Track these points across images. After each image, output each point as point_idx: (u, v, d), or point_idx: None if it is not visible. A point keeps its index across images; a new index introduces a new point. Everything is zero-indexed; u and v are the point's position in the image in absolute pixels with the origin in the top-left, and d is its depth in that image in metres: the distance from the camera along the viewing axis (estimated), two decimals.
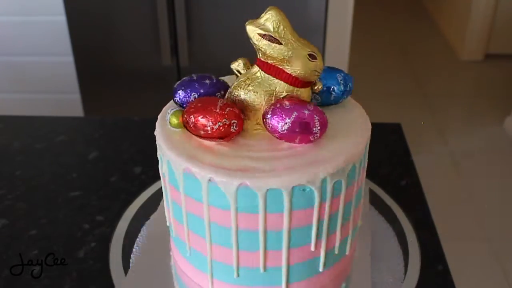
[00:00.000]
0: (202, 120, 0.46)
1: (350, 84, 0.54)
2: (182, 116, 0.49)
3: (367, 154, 0.52)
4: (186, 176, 0.47)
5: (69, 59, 1.57)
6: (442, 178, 2.00)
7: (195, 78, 0.52)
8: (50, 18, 1.57)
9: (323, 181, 0.45)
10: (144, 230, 0.66)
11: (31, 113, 1.02)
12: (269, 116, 0.46)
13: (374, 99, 2.44)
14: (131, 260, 0.62)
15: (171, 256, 0.60)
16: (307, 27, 1.46)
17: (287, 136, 0.46)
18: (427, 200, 0.73)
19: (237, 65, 0.52)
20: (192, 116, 0.47)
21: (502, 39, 2.84)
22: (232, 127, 0.46)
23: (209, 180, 0.45)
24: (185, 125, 0.48)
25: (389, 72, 2.82)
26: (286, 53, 0.47)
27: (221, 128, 0.46)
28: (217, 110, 0.46)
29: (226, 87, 0.52)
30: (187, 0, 1.42)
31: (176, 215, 0.53)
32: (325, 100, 0.53)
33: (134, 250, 0.64)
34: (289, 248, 0.48)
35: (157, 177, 0.75)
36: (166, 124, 0.52)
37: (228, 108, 0.46)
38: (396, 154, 0.84)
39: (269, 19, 0.47)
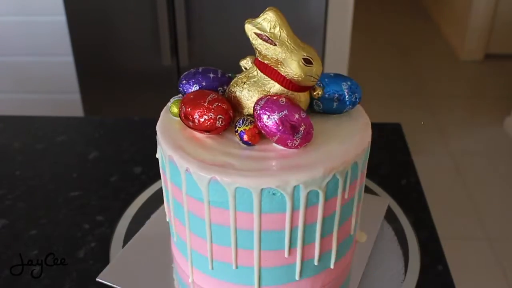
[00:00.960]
0: (191, 112, 0.48)
1: (357, 94, 0.51)
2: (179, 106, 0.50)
3: (360, 169, 0.50)
4: (170, 165, 0.49)
5: (69, 59, 1.57)
6: (442, 178, 2.00)
7: (200, 70, 0.52)
8: (50, 18, 1.57)
9: (295, 188, 0.45)
10: (144, 230, 0.66)
11: (31, 113, 1.02)
12: (260, 104, 0.46)
13: (374, 99, 2.44)
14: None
15: (172, 256, 0.60)
16: (307, 27, 1.46)
17: (268, 130, 0.46)
18: (427, 200, 0.73)
19: (245, 63, 0.52)
20: (183, 107, 0.48)
21: (502, 39, 2.84)
22: (218, 121, 0.47)
23: (186, 170, 0.46)
24: (180, 114, 0.50)
25: (389, 72, 2.82)
26: (280, 55, 0.46)
27: (207, 121, 0.47)
28: (205, 104, 0.47)
29: (229, 82, 0.52)
30: (187, 0, 1.42)
31: (170, 204, 0.53)
32: (326, 108, 0.51)
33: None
34: (260, 249, 0.48)
35: (157, 177, 0.75)
36: (169, 115, 0.53)
37: (216, 103, 0.47)
38: (396, 154, 0.84)
39: (266, 19, 0.47)
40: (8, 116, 0.96)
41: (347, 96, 0.51)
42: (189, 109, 0.47)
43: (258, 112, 0.46)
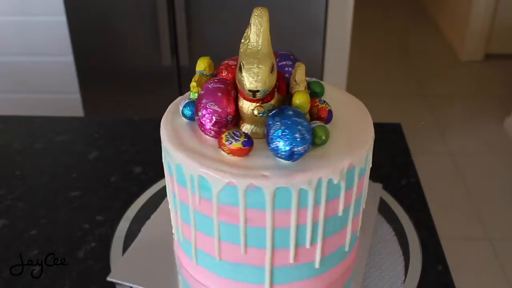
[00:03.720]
0: None
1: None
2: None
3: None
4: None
5: (69, 59, 1.57)
6: (442, 178, 2.00)
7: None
8: (50, 18, 1.57)
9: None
10: (144, 230, 0.66)
11: (31, 113, 1.02)
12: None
13: (374, 99, 2.43)
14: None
15: (175, 255, 0.60)
16: (307, 27, 1.46)
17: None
18: (427, 200, 0.73)
19: None
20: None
21: (502, 39, 2.84)
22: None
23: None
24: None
25: (389, 72, 2.82)
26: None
27: None
28: None
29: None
30: (187, 0, 1.42)
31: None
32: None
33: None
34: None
35: (157, 177, 0.75)
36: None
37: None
38: (396, 154, 0.84)
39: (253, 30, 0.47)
40: (8, 116, 0.96)
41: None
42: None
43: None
